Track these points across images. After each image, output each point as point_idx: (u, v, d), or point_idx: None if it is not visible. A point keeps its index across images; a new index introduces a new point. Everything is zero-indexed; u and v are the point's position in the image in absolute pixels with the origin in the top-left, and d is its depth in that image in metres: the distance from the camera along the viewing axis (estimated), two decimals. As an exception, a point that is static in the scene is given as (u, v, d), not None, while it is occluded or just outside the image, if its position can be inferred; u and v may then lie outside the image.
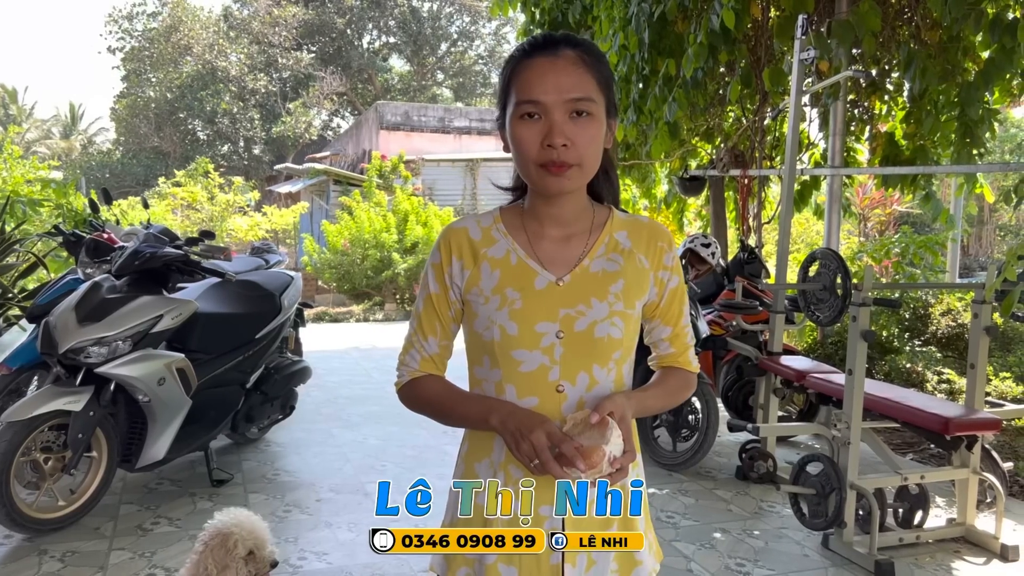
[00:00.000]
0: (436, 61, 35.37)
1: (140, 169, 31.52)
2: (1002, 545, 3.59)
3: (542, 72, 1.32)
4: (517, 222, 1.45)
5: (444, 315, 1.47)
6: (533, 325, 1.37)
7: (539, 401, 1.37)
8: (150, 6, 32.68)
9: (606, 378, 1.40)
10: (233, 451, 4.97)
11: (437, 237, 1.47)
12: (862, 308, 3.53)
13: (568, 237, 1.43)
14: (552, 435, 1.25)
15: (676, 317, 1.51)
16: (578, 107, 1.31)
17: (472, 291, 1.42)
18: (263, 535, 2.37)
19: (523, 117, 1.33)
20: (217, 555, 2.27)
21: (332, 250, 13.31)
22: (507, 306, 1.38)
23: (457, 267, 1.43)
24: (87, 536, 3.64)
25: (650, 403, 1.46)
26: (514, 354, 1.38)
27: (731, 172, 6.93)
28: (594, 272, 1.41)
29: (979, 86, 4.75)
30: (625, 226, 1.48)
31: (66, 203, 6.94)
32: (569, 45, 1.35)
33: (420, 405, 1.49)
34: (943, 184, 10.35)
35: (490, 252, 1.43)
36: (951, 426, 3.38)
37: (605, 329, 1.38)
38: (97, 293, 3.73)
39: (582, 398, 1.37)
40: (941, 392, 5.65)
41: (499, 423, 1.32)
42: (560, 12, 7.02)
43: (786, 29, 5.15)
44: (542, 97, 1.31)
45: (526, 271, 1.41)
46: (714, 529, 3.87)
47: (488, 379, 1.42)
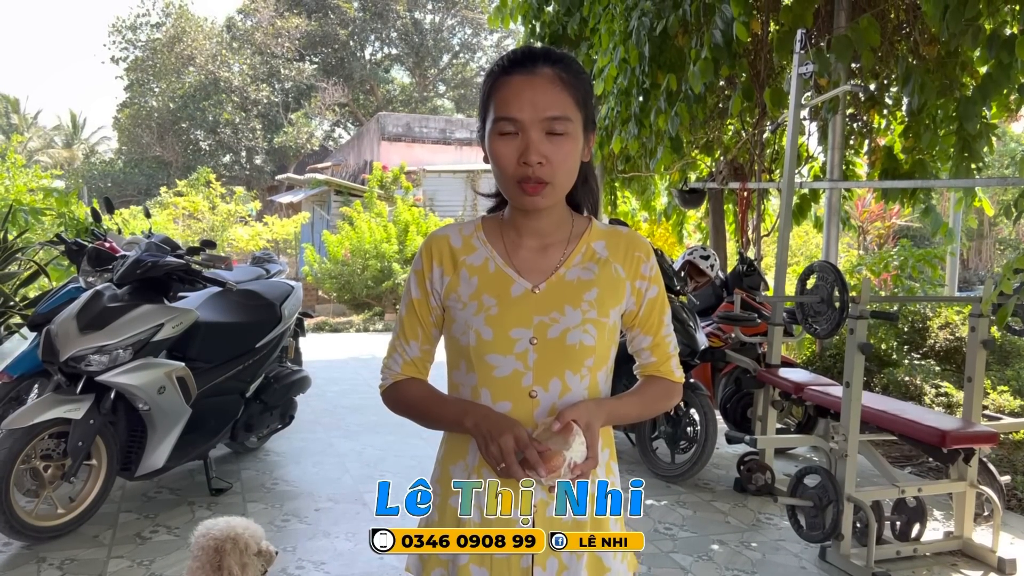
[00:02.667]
0: (438, 73, 35.49)
1: (142, 178, 31.57)
2: (999, 558, 3.60)
3: (519, 89, 1.34)
4: (497, 231, 1.49)
5: (426, 320, 1.50)
6: (508, 331, 1.40)
7: (512, 406, 1.39)
8: (153, 16, 32.79)
9: (579, 385, 1.42)
10: (232, 460, 4.98)
11: (420, 244, 1.48)
12: (859, 321, 3.55)
13: (546, 247, 1.47)
14: (519, 439, 1.27)
15: (656, 326, 1.53)
16: (554, 127, 1.34)
17: (451, 297, 1.45)
18: (260, 530, 2.46)
19: (501, 134, 1.35)
20: (234, 557, 2.31)
21: (333, 260, 13.33)
22: (483, 312, 1.41)
23: (438, 273, 1.47)
24: (86, 544, 3.64)
25: (624, 411, 1.47)
26: (488, 359, 1.41)
27: (730, 185, 6.96)
28: (569, 280, 1.44)
29: (977, 101, 4.78)
30: (603, 236, 1.50)
31: (68, 212, 6.96)
32: (548, 62, 1.37)
33: (402, 407, 1.52)
34: (943, 198, 10.38)
35: (469, 259, 1.46)
36: (948, 439, 3.39)
37: (577, 336, 1.40)
38: (98, 302, 3.75)
39: (555, 404, 1.39)
40: (939, 405, 5.66)
41: (472, 425, 1.35)
42: (560, 25, 7.06)
43: (785, 43, 5.19)
44: (518, 115, 1.33)
45: (503, 278, 1.44)
46: (712, 541, 3.88)
47: (465, 383, 1.45)
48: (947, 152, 5.79)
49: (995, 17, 4.54)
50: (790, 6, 5.39)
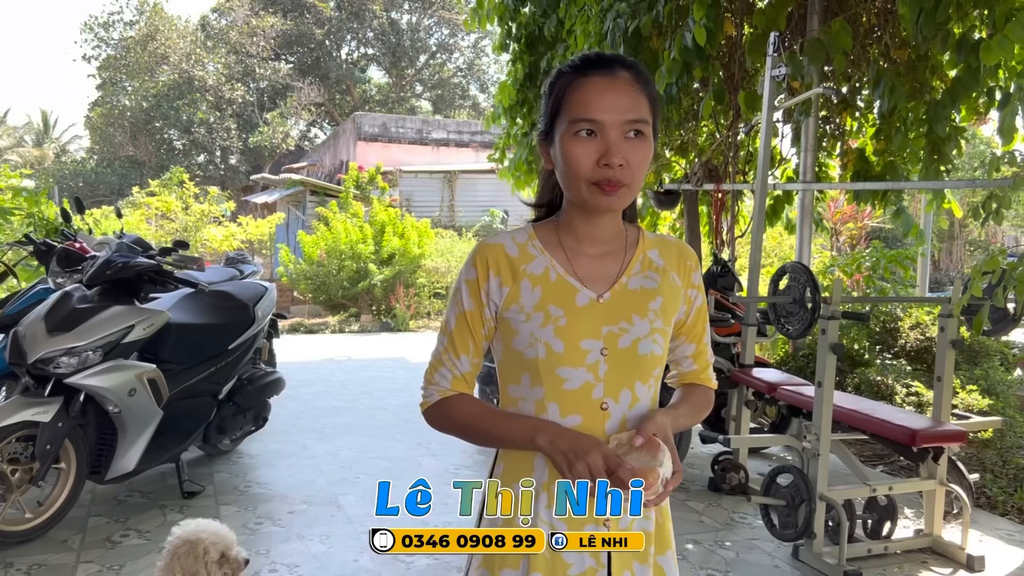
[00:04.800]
0: (415, 73, 35.41)
1: (114, 178, 31.21)
2: (968, 555, 3.64)
3: (600, 91, 1.32)
4: (553, 238, 1.44)
5: (478, 333, 1.44)
6: (578, 342, 1.37)
7: (583, 419, 1.36)
8: (127, 14, 32.47)
9: (647, 395, 1.41)
10: (205, 463, 4.93)
11: (470, 253, 1.45)
12: (831, 321, 3.59)
13: (605, 255, 1.44)
14: (608, 458, 1.25)
15: (700, 334, 1.54)
16: (636, 127, 1.33)
17: (511, 308, 1.40)
18: (230, 536, 2.39)
19: (578, 134, 1.32)
20: (185, 563, 2.26)
21: (308, 261, 13.25)
22: (551, 323, 1.37)
23: (495, 284, 1.41)
24: (54, 549, 3.59)
25: (682, 421, 1.47)
26: (559, 372, 1.37)
27: (705, 186, 7.00)
28: (632, 289, 1.42)
29: (946, 104, 4.84)
30: (656, 244, 1.49)
31: (38, 212, 6.86)
32: (623, 66, 1.36)
33: (453, 425, 1.45)
34: (914, 199, 10.50)
35: (529, 268, 1.41)
36: (918, 438, 3.43)
37: (648, 346, 1.39)
38: (68, 303, 3.70)
39: (625, 416, 1.38)
40: (910, 405, 5.72)
41: (547, 443, 1.31)
42: (537, 27, 7.07)
43: (758, 46, 5.23)
44: (600, 116, 1.31)
45: (566, 288, 1.40)
46: (686, 540, 3.89)
47: (527, 397, 1.40)
48: (917, 154, 5.86)
49: (964, 22, 4.60)
50: (764, 9, 5.44)
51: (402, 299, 12.62)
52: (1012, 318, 3.86)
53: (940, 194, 6.13)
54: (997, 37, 3.81)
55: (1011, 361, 6.71)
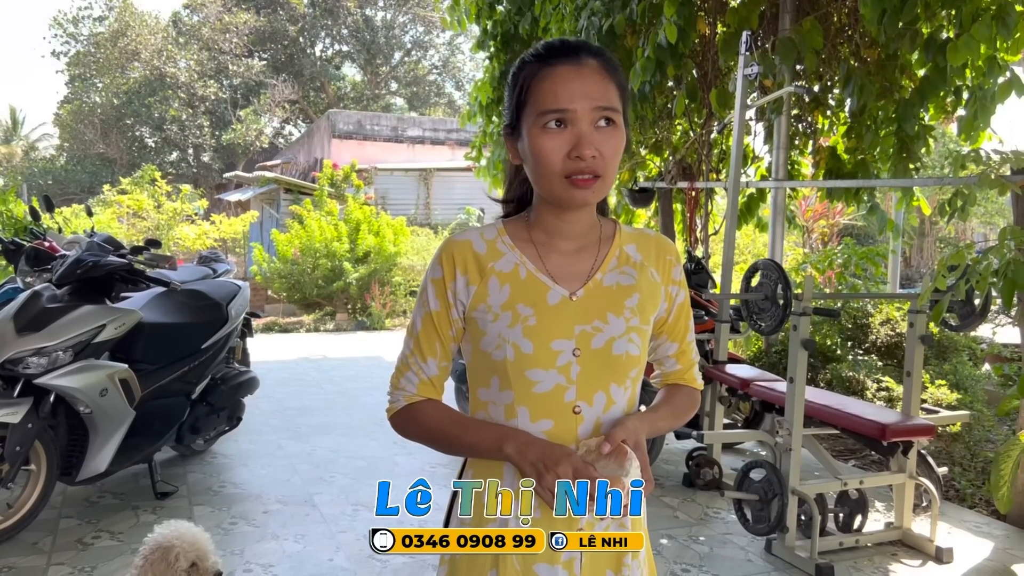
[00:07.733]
0: (389, 70, 35.26)
1: (85, 176, 30.80)
2: (937, 548, 3.71)
3: (567, 79, 1.26)
4: (524, 234, 1.38)
5: (445, 335, 1.38)
6: (549, 343, 1.30)
7: (554, 424, 1.30)
8: (96, 10, 32.08)
9: (622, 397, 1.34)
10: (178, 463, 4.89)
11: (436, 251, 1.39)
12: (802, 317, 3.63)
13: (578, 250, 1.38)
14: (577, 469, 1.20)
15: (683, 333, 1.48)
16: (607, 115, 1.26)
17: (479, 308, 1.34)
18: (205, 546, 2.33)
19: (546, 127, 1.26)
20: (157, 569, 2.23)
21: (282, 259, 13.16)
22: (520, 323, 1.30)
23: (462, 282, 1.35)
24: (25, 551, 3.55)
25: (660, 424, 1.42)
26: (528, 374, 1.30)
27: (679, 184, 7.04)
28: (608, 286, 1.36)
29: (915, 103, 4.91)
30: (633, 239, 1.43)
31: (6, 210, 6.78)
32: (590, 53, 1.29)
33: (419, 432, 1.40)
34: (886, 197, 10.63)
35: (497, 266, 1.35)
36: (887, 432, 3.48)
37: (623, 346, 1.33)
38: (37, 302, 3.66)
39: (599, 419, 1.31)
40: (880, 399, 5.80)
41: (515, 453, 1.26)
42: (512, 24, 7.07)
43: (731, 45, 5.26)
44: (569, 105, 1.25)
45: (537, 285, 1.33)
46: (660, 536, 3.92)
47: (497, 401, 1.34)
48: (887, 152, 5.93)
49: (932, 22, 4.66)
50: (736, 8, 5.47)
51: (377, 298, 12.58)
52: (979, 313, 3.93)
53: (909, 192, 6.20)
54: (964, 37, 3.87)
55: (979, 356, 6.82)
